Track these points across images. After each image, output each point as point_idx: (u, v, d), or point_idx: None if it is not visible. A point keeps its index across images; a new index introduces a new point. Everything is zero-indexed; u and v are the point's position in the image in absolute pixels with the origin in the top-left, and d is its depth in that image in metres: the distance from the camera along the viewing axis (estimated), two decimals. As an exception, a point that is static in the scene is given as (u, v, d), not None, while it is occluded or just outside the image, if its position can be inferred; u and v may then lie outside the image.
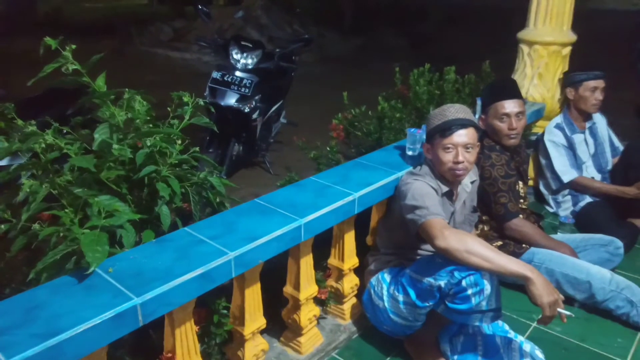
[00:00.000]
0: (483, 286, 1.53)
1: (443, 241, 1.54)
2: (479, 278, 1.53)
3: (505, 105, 2.22)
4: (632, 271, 2.45)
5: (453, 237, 1.53)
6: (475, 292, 1.54)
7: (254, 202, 1.71)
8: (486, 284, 1.53)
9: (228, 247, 1.42)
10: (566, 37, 2.95)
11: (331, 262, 2.05)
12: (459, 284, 1.55)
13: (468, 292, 1.54)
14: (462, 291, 1.55)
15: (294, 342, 1.88)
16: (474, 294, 1.54)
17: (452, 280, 1.56)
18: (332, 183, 1.90)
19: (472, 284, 1.53)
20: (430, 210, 1.65)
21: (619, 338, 2.02)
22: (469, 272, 1.53)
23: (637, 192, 2.62)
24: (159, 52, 8.96)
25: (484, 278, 1.53)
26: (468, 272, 1.53)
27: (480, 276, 1.53)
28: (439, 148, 1.81)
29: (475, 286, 1.53)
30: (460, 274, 1.55)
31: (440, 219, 1.61)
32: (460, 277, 1.54)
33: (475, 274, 1.53)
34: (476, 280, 1.53)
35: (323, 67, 8.08)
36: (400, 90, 3.15)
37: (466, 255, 1.50)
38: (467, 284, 1.54)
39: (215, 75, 3.43)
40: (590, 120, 2.91)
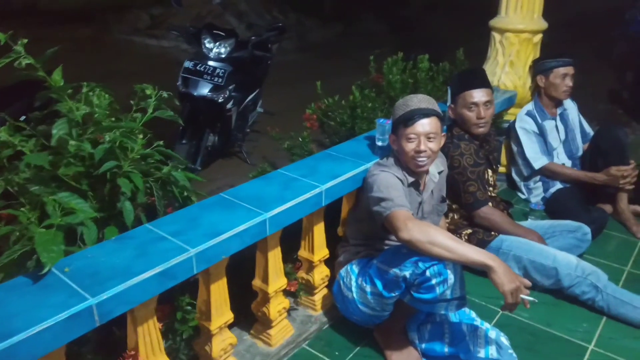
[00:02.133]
0: (446, 276, 1.55)
1: (406, 233, 1.55)
2: (442, 268, 1.55)
3: (474, 95, 2.23)
4: (599, 256, 2.50)
5: (416, 229, 1.54)
6: (439, 282, 1.55)
7: (219, 197, 1.69)
8: (449, 273, 1.55)
9: (189, 244, 1.40)
10: (537, 25, 2.95)
11: (301, 254, 2.05)
12: (423, 274, 1.56)
13: (432, 282, 1.56)
14: (427, 281, 1.57)
15: (263, 334, 1.89)
16: (438, 284, 1.56)
17: (417, 271, 1.57)
18: (300, 175, 1.89)
19: (436, 273, 1.55)
20: (395, 202, 1.65)
21: (585, 323, 2.07)
22: (432, 263, 1.55)
23: (606, 179, 2.66)
24: (136, 40, 8.80)
25: (447, 268, 1.55)
26: (432, 263, 1.55)
27: (444, 266, 1.55)
28: (403, 138, 1.82)
29: (439, 276, 1.55)
30: (424, 264, 1.56)
31: (405, 211, 1.62)
32: (424, 268, 1.56)
33: (438, 264, 1.55)
34: (439, 270, 1.55)
35: (302, 55, 8.02)
36: (375, 78, 3.14)
37: (429, 246, 1.51)
38: (431, 274, 1.55)
39: (187, 64, 3.37)
40: (561, 106, 2.94)
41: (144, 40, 8.73)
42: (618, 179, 2.63)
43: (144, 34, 8.94)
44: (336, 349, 1.92)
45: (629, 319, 2.03)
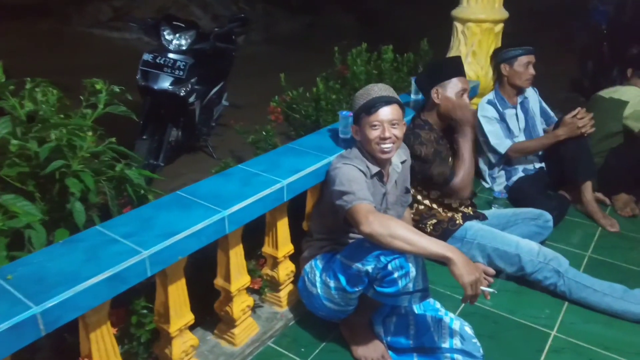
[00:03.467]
0: (408, 269, 1.54)
1: (367, 226, 1.53)
2: (403, 261, 1.54)
3: (464, 82, 2.28)
4: (561, 242, 2.55)
5: (377, 222, 1.53)
6: (401, 275, 1.55)
7: (176, 195, 1.64)
8: (411, 266, 1.54)
9: (142, 246, 1.35)
10: (498, 14, 2.97)
11: (265, 250, 2.02)
12: (385, 268, 1.55)
13: (394, 276, 1.55)
14: (389, 275, 1.56)
15: (227, 334, 1.85)
16: (400, 277, 1.55)
17: (379, 265, 1.56)
18: (261, 170, 1.85)
19: (398, 267, 1.54)
20: (357, 195, 1.63)
21: (547, 309, 2.10)
22: (394, 256, 1.54)
23: (566, 130, 2.68)
24: (97, 32, 8.53)
25: (408, 261, 1.54)
26: (393, 256, 1.54)
27: (405, 259, 1.54)
28: (366, 126, 1.80)
29: (400, 269, 1.54)
30: (385, 258, 1.55)
31: (366, 204, 1.60)
32: (385, 262, 1.55)
33: (400, 257, 1.54)
34: (401, 263, 1.54)
35: (270, 47, 7.93)
36: (340, 70, 3.11)
37: (390, 240, 1.50)
38: (392, 267, 1.54)
39: (146, 57, 3.27)
40: (521, 94, 2.97)
41: (105, 32, 8.47)
42: (575, 126, 2.64)
43: (105, 26, 8.68)
44: (302, 345, 1.90)
45: (590, 302, 2.07)
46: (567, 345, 1.91)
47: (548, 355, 1.86)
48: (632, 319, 2.02)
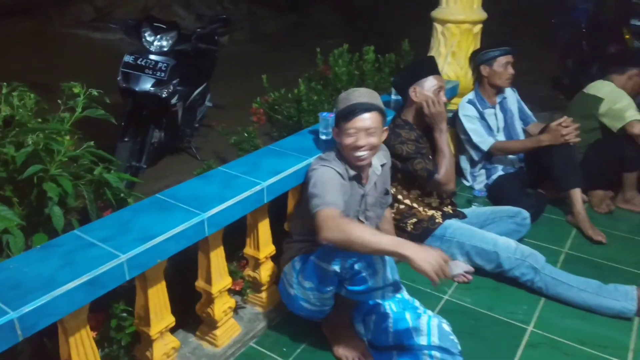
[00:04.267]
0: (375, 266, 1.59)
1: (324, 233, 1.57)
2: (370, 260, 1.58)
3: (440, 79, 2.33)
4: (539, 239, 2.60)
5: (333, 228, 1.55)
6: (370, 273, 1.59)
7: (155, 198, 1.64)
8: (378, 264, 1.59)
9: (120, 250, 1.36)
10: (476, 15, 3.01)
11: (247, 252, 2.03)
12: (352, 267, 1.60)
13: (363, 274, 1.60)
14: (357, 274, 1.60)
15: (209, 335, 1.86)
16: (368, 275, 1.59)
17: (346, 265, 1.60)
18: (241, 173, 1.86)
19: (365, 265, 1.58)
20: (324, 199, 1.66)
21: (525, 305, 2.15)
22: (360, 256, 1.58)
23: (549, 136, 2.69)
24: (80, 33, 8.42)
25: (374, 260, 1.58)
26: (359, 256, 1.58)
27: (372, 258, 1.58)
28: (343, 132, 1.82)
29: (368, 267, 1.58)
30: (352, 258, 1.59)
31: (330, 210, 1.61)
32: (352, 262, 1.59)
33: (366, 257, 1.58)
34: (368, 262, 1.58)
35: (255, 46, 7.91)
36: (323, 70, 3.12)
37: (348, 244, 1.53)
38: (360, 267, 1.59)
39: (127, 59, 3.25)
40: (501, 94, 3.01)
41: (88, 33, 8.37)
42: (560, 133, 2.66)
43: (88, 26, 8.57)
44: (284, 345, 1.92)
45: (565, 298, 2.12)
46: (544, 340, 1.95)
47: (525, 350, 1.90)
48: (607, 313, 2.07)
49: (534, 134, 3.03)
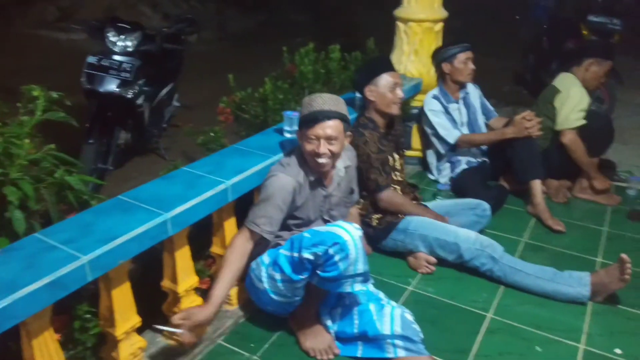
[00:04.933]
0: (348, 251, 1.64)
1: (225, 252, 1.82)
2: (344, 245, 1.64)
3: (396, 76, 2.38)
4: (499, 230, 2.69)
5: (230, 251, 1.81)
6: (342, 258, 1.65)
7: (117, 199, 1.65)
8: (351, 249, 1.65)
9: (81, 251, 1.37)
10: (437, 14, 3.09)
11: (214, 250, 2.05)
12: (326, 253, 1.65)
13: (335, 259, 1.65)
14: (330, 259, 1.66)
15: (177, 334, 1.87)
16: (340, 260, 1.65)
17: (319, 251, 1.66)
18: (205, 172, 1.88)
19: (338, 250, 1.64)
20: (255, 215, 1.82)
21: (485, 293, 2.23)
22: (334, 241, 1.64)
23: (514, 129, 2.79)
24: (44, 34, 8.22)
25: (348, 245, 1.65)
26: (333, 241, 1.64)
27: (346, 243, 1.64)
28: (304, 138, 1.86)
29: (341, 252, 1.64)
30: (326, 243, 1.65)
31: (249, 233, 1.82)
32: (326, 247, 1.65)
33: (339, 242, 1.64)
34: (341, 247, 1.64)
35: (223, 45, 7.87)
36: (290, 69, 3.15)
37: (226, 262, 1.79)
38: (334, 251, 1.65)
39: (90, 60, 3.22)
40: (463, 89, 3.10)
41: (52, 34, 8.18)
42: (523, 127, 2.75)
43: (52, 27, 8.38)
44: (252, 340, 1.95)
45: (523, 285, 2.21)
46: (502, 326, 2.04)
47: (484, 336, 1.98)
48: (562, 299, 2.17)
49: (495, 128, 3.13)
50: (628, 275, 2.06)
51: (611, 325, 2.06)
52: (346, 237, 1.65)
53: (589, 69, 3.01)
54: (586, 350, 1.92)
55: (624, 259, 2.06)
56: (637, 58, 6.60)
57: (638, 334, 2.01)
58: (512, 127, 2.81)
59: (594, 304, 2.16)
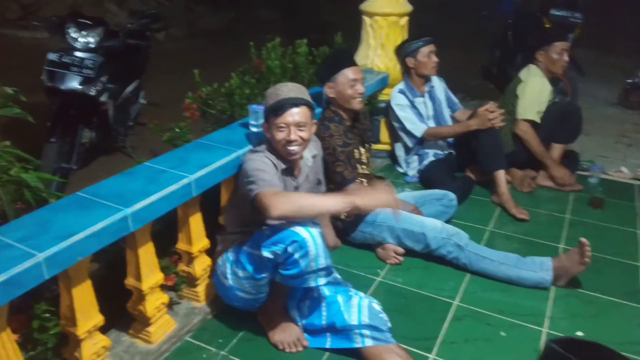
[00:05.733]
0: (307, 248, 1.63)
1: (275, 210, 1.60)
2: (303, 242, 1.63)
3: (355, 71, 2.36)
4: (466, 219, 2.74)
5: (282, 201, 1.61)
6: (302, 255, 1.64)
7: (76, 196, 1.61)
8: (310, 246, 1.63)
9: (37, 249, 1.33)
10: (402, 8, 3.12)
11: (180, 247, 2.03)
12: (285, 251, 1.64)
13: (295, 257, 1.64)
14: (290, 257, 1.65)
15: (143, 332, 1.85)
16: (300, 257, 1.64)
17: (278, 250, 1.65)
18: (168, 167, 1.86)
19: (297, 248, 1.63)
20: (263, 182, 1.70)
21: (451, 281, 2.27)
22: (292, 239, 1.63)
23: (477, 121, 2.84)
24: (6, 32, 7.97)
25: (307, 242, 1.63)
26: (291, 239, 1.63)
27: (304, 240, 1.63)
28: (274, 127, 1.85)
29: (300, 249, 1.63)
30: (284, 242, 1.64)
31: (271, 190, 1.67)
32: (285, 245, 1.64)
33: (298, 239, 1.62)
34: (300, 244, 1.63)
35: (193, 42, 7.78)
36: (257, 64, 3.13)
37: (300, 212, 1.62)
38: (292, 249, 1.63)
39: (51, 57, 3.13)
40: (429, 83, 3.14)
41: (14, 32, 7.93)
42: (487, 118, 2.80)
43: (14, 25, 8.13)
44: (220, 336, 1.94)
45: (488, 272, 2.25)
46: (468, 313, 2.08)
47: (451, 323, 2.02)
48: (525, 284, 2.22)
49: (461, 120, 3.18)
50: (588, 259, 2.13)
51: (573, 308, 2.12)
52: (304, 234, 1.64)
53: (546, 55, 3.09)
54: (549, 334, 1.97)
55: (583, 242, 2.13)
56: (598, 50, 6.80)
57: (598, 316, 2.08)
58: (475, 118, 2.86)
59: (557, 289, 2.22)
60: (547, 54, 3.09)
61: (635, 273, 2.35)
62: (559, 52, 3.05)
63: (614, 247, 2.53)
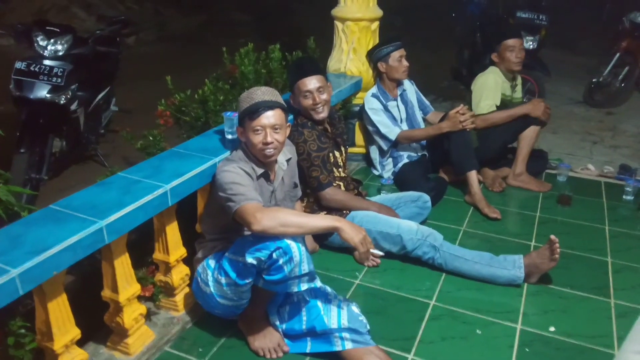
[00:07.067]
0: (292, 254, 1.65)
1: (257, 225, 1.63)
2: (287, 248, 1.64)
3: (306, 83, 2.35)
4: (440, 220, 2.79)
5: (265, 218, 1.63)
6: (286, 261, 1.65)
7: (48, 209, 1.59)
8: (294, 252, 1.65)
9: (11, 264, 1.31)
10: (373, 13, 3.16)
11: (157, 257, 2.01)
12: (270, 257, 1.65)
13: (280, 263, 1.65)
14: (274, 263, 1.66)
15: (121, 344, 1.83)
16: (285, 263, 1.65)
17: (263, 256, 1.65)
18: (142, 177, 1.84)
19: (282, 254, 1.64)
20: (243, 196, 1.71)
21: (428, 281, 2.31)
22: (276, 245, 1.64)
23: (449, 124, 2.89)
24: (-32, 39, 7.72)
25: (291, 247, 1.65)
26: (276, 245, 1.64)
27: (289, 246, 1.64)
28: (249, 130, 1.86)
29: (284, 255, 1.64)
30: (269, 248, 1.64)
31: (252, 204, 1.68)
32: (269, 251, 1.64)
33: (282, 246, 1.64)
34: (285, 250, 1.64)
35: (163, 46, 7.71)
36: (231, 70, 3.12)
37: (282, 230, 1.64)
38: (277, 255, 1.64)
39: (18, 65, 3.06)
40: (400, 86, 3.19)
41: (-23, 39, 7.70)
42: (458, 121, 2.85)
43: (-24, 31, 7.88)
44: (200, 345, 1.93)
45: (462, 271, 2.30)
46: (445, 312, 2.12)
47: (428, 323, 2.06)
48: (499, 282, 2.28)
49: (433, 122, 3.24)
50: (557, 255, 2.20)
51: (545, 304, 2.18)
52: (289, 240, 1.65)
53: (501, 54, 3.19)
54: (523, 330, 2.03)
55: (552, 239, 2.20)
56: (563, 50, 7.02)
57: (568, 311, 2.15)
58: (447, 121, 2.92)
59: (529, 285, 2.28)
60: (500, 53, 3.19)
61: (604, 268, 2.44)
62: (510, 49, 3.15)
63: (583, 243, 2.62)
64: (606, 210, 2.99)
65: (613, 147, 4.21)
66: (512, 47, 3.15)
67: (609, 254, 2.55)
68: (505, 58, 3.17)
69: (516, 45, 3.16)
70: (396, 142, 3.10)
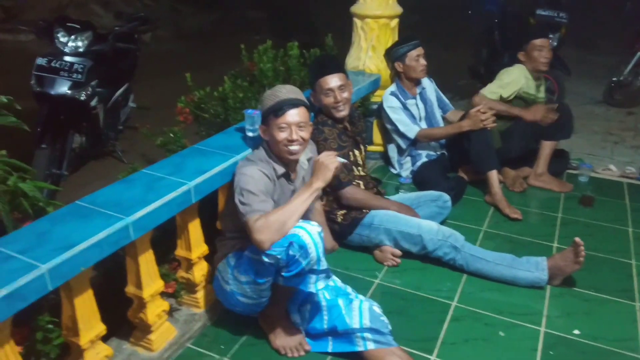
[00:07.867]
0: (307, 247, 1.66)
1: (258, 236, 1.66)
2: (302, 243, 1.65)
3: (328, 81, 2.34)
4: (460, 220, 2.77)
5: (263, 228, 1.65)
6: (302, 255, 1.66)
7: (74, 205, 1.60)
8: (311, 250, 1.66)
9: (40, 260, 1.32)
10: (392, 10, 3.14)
11: (179, 253, 2.02)
12: (288, 255, 1.66)
13: (296, 257, 1.66)
14: (292, 259, 1.67)
15: (144, 340, 1.84)
16: (301, 256, 1.66)
17: (279, 254, 1.66)
18: (165, 174, 1.85)
19: (298, 248, 1.65)
20: (251, 207, 1.72)
21: (449, 282, 2.29)
22: (289, 240, 1.65)
23: (470, 122, 2.87)
24: (-12, 36, 7.83)
25: (308, 246, 1.66)
26: (289, 241, 1.65)
27: (305, 245, 1.65)
28: (274, 128, 1.86)
29: (300, 249, 1.65)
30: (283, 245, 1.66)
31: (254, 216, 1.69)
32: (287, 249, 1.66)
33: (300, 243, 1.65)
34: (299, 244, 1.65)
35: (180, 44, 7.73)
36: (249, 67, 3.12)
37: (282, 231, 1.67)
38: (293, 251, 1.66)
39: (39, 61, 3.09)
40: (419, 85, 3.16)
41: (-3, 36, 7.80)
42: (478, 119, 2.83)
43: (-4, 28, 7.98)
44: (222, 342, 1.94)
45: (484, 272, 2.28)
46: (467, 314, 2.10)
47: (450, 324, 2.04)
48: (521, 283, 2.25)
49: (452, 120, 3.21)
50: (582, 258, 2.16)
51: (569, 307, 2.15)
52: (306, 237, 1.66)
53: (527, 54, 3.15)
54: (547, 333, 2.00)
55: (577, 242, 2.16)
56: (583, 49, 6.91)
57: (593, 313, 2.11)
58: (467, 119, 2.89)
59: (552, 288, 2.25)
60: (527, 53, 3.14)
61: (628, 270, 2.40)
62: (538, 48, 3.10)
63: (607, 245, 2.58)
64: (629, 212, 2.94)
65: (634, 148, 4.14)
66: (540, 46, 3.10)
67: (633, 256, 2.51)
68: (533, 58, 3.12)
69: (544, 45, 3.11)
70: (415, 140, 3.08)
